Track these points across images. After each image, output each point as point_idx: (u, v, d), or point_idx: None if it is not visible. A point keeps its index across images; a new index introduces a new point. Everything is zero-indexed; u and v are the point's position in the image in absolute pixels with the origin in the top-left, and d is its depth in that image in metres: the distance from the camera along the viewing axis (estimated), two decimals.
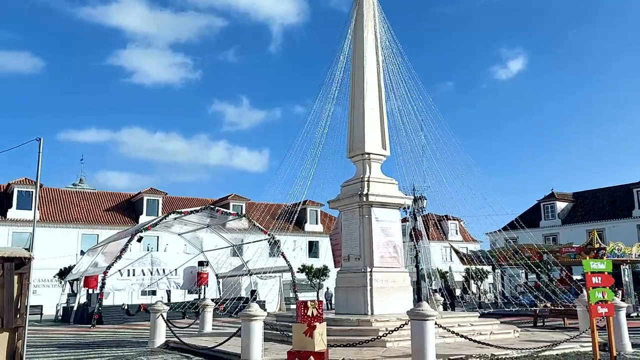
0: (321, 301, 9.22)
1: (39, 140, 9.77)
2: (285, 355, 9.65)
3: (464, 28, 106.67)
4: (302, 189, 16.02)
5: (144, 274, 30.37)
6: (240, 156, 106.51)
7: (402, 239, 15.70)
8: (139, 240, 27.37)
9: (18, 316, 8.54)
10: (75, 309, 27.61)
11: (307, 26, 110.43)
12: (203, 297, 30.17)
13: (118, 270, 27.72)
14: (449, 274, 44.92)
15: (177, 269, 31.73)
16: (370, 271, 14.35)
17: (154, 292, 34.56)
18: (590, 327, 9.79)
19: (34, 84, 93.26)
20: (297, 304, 9.58)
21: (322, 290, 39.09)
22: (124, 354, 12.91)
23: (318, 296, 38.51)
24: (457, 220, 55.93)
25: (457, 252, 35.30)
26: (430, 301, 19.30)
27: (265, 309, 28.40)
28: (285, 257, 30.78)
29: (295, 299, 30.97)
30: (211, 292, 33.68)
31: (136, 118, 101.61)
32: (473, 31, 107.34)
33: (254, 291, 32.41)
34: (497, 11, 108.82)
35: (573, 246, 26.99)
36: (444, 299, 21.84)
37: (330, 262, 20.19)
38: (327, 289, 37.11)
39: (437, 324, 10.76)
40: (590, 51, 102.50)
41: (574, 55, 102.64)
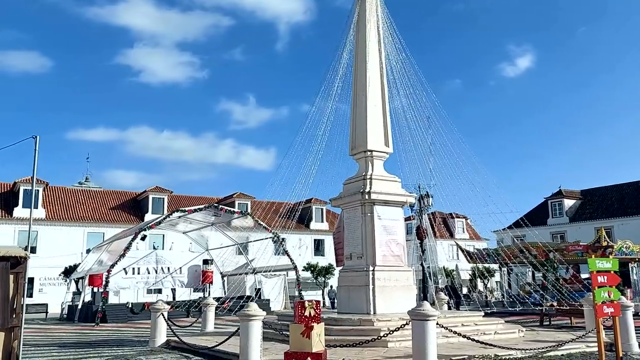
0: (319, 301, 9.03)
1: (35, 138, 9.68)
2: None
3: (472, 25, 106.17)
4: (307, 187, 15.84)
5: (148, 273, 30.33)
6: (247, 154, 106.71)
7: (408, 237, 15.51)
8: (143, 239, 27.32)
9: (14, 316, 8.46)
10: (80, 307, 27.63)
11: (313, 24, 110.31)
12: (208, 295, 30.11)
13: (123, 269, 27.70)
14: (455, 272, 44.56)
15: (182, 267, 31.69)
16: (373, 270, 14.16)
17: (159, 290, 34.56)
18: (596, 327, 9.58)
19: (42, 83, 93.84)
20: (294, 304, 9.41)
21: (327, 289, 38.91)
22: (123, 353, 12.81)
23: (323, 294, 38.36)
24: (463, 218, 55.56)
25: (463, 250, 35.01)
26: (434, 300, 19.13)
27: (269, 308, 28.59)
28: (290, 256, 30.64)
29: (300, 297, 30.83)
30: (216, 290, 33.63)
31: (144, 117, 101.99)
32: (481, 28, 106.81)
33: (258, 289, 32.32)
34: (505, 8, 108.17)
35: (580, 244, 26.63)
36: (448, 298, 21.59)
37: None
38: (331, 287, 36.92)
39: (439, 324, 10.57)
40: (599, 48, 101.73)
41: (582, 52, 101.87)
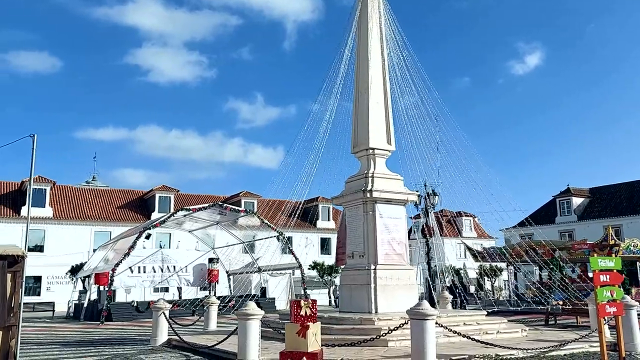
0: (315, 300, 8.95)
1: (33, 137, 9.68)
2: None
3: (478, 22, 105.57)
4: (312, 185, 15.73)
5: (154, 271, 30.41)
6: (255, 153, 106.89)
7: (414, 235, 15.36)
8: (147, 238, 27.35)
9: (12, 315, 8.44)
10: (86, 305, 27.74)
11: (321, 23, 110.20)
12: (214, 294, 30.15)
13: (129, 267, 27.78)
14: (462, 270, 44.30)
15: (188, 265, 31.75)
16: (375, 269, 14.03)
17: (166, 289, 34.64)
18: (598, 327, 9.44)
19: (52, 83, 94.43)
20: (290, 303, 9.34)
21: (332, 288, 38.85)
22: (124, 352, 12.80)
23: (329, 293, 38.29)
24: (471, 216, 55.28)
25: (469, 249, 34.78)
26: (438, 299, 18.98)
27: (274, 306, 28.54)
28: (294, 254, 30.59)
29: (305, 296, 30.79)
30: (222, 289, 33.67)
31: (152, 116, 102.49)
32: (488, 25, 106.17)
33: (264, 288, 32.31)
34: (513, 4, 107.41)
35: (587, 242, 26.37)
36: (452, 297, 21.42)
37: None
38: (336, 286, 36.85)
39: (440, 324, 10.46)
40: (608, 46, 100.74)
41: (592, 50, 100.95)
